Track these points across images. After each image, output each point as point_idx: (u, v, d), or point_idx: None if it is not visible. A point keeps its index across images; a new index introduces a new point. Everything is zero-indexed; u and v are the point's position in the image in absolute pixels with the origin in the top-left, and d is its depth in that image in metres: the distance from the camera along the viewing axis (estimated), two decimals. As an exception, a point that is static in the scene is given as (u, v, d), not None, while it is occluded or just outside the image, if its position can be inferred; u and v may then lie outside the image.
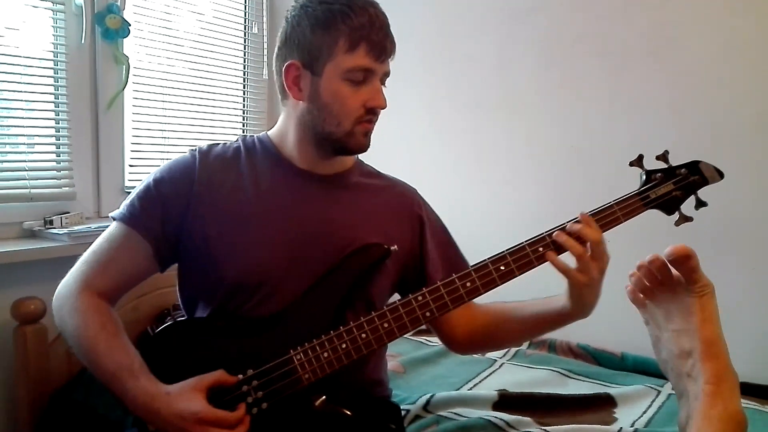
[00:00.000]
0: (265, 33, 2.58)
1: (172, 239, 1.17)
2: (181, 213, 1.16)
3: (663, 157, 1.13)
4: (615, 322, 2.00)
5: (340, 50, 1.10)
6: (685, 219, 1.13)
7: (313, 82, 1.14)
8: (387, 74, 1.17)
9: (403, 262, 1.27)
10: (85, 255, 1.20)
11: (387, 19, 1.15)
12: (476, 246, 1.32)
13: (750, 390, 1.70)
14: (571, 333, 2.00)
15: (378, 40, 1.11)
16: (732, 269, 1.83)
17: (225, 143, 1.26)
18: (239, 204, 1.17)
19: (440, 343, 1.97)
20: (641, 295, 1.06)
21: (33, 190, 1.82)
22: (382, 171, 1.35)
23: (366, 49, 1.10)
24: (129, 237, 1.17)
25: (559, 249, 1.08)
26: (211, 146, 1.24)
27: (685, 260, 0.98)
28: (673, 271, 1.01)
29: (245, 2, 2.53)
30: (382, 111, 1.17)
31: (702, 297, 0.99)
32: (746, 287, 1.83)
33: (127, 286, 1.22)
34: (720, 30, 1.83)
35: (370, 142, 1.18)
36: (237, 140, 1.26)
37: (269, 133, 1.26)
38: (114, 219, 1.20)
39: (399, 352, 1.94)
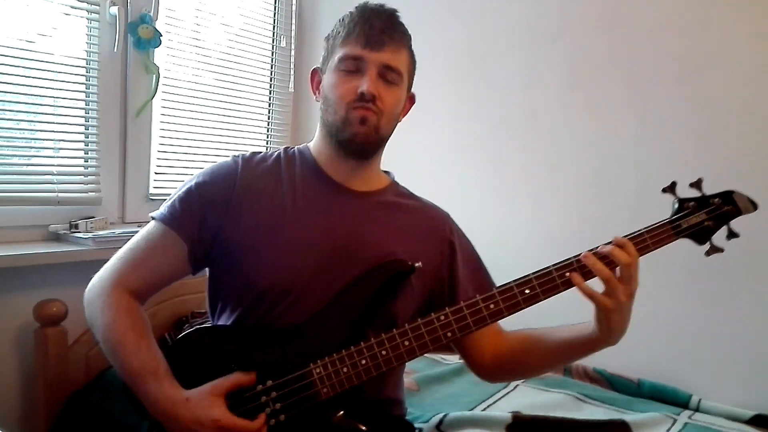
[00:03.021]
0: (292, 47, 2.61)
1: (208, 242, 1.19)
2: (220, 216, 1.18)
3: (697, 184, 1.12)
4: (632, 347, 1.97)
5: (337, 44, 1.19)
6: (715, 250, 1.11)
7: (323, 80, 1.23)
8: (390, 68, 1.18)
9: (431, 284, 1.27)
10: (121, 252, 1.22)
11: (390, 17, 1.20)
12: (496, 265, 1.32)
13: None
14: (587, 357, 2.00)
15: (367, 29, 1.17)
16: (753, 300, 1.81)
17: (266, 152, 1.29)
18: (275, 211, 1.19)
19: (455, 361, 2.00)
20: None
21: (60, 194, 1.85)
22: (416, 193, 1.36)
23: (355, 38, 1.17)
24: (167, 237, 1.19)
25: (586, 274, 1.07)
26: (253, 153, 1.28)
27: None
28: None
29: (274, 16, 2.57)
30: (407, 126, 1.19)
31: None
32: None
33: (159, 285, 1.24)
34: (748, 57, 1.81)
35: (372, 133, 1.18)
36: (278, 150, 1.30)
37: (309, 145, 1.29)
38: (153, 219, 1.22)
39: (413, 369, 1.93)
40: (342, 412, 1.10)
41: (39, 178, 1.85)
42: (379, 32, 1.16)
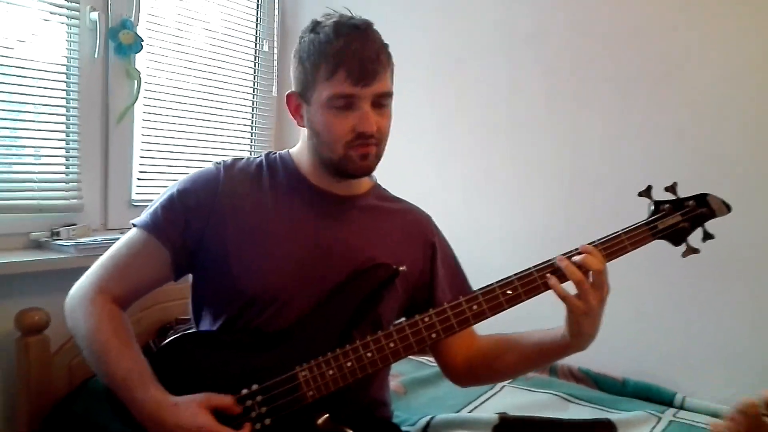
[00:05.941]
0: (275, 51, 2.60)
1: (191, 249, 1.19)
2: (203, 224, 1.18)
3: (671, 188, 1.15)
4: (617, 346, 2.00)
5: (321, 78, 1.11)
6: (692, 251, 1.14)
7: (307, 111, 1.16)
8: (382, 95, 1.13)
9: (413, 285, 1.27)
10: (103, 259, 1.21)
11: (373, 42, 1.12)
12: (482, 267, 1.33)
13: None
14: (572, 357, 2.00)
15: (355, 66, 1.08)
16: (736, 300, 1.83)
17: (248, 158, 1.28)
18: (259, 218, 1.19)
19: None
20: None
21: (41, 201, 1.83)
22: (398, 195, 1.36)
23: (344, 75, 1.09)
24: (149, 244, 1.18)
25: (561, 278, 1.08)
26: (235, 160, 1.26)
27: None
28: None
29: (257, 20, 2.57)
30: (392, 131, 1.17)
31: None
32: (750, 318, 1.82)
33: (141, 292, 1.23)
34: (729, 56, 1.84)
35: (373, 163, 1.17)
36: (260, 156, 1.28)
37: (291, 151, 1.28)
38: (135, 226, 1.21)
39: (400, 372, 1.94)
40: (327, 416, 1.10)
41: (20, 186, 1.83)
42: (369, 64, 1.09)
